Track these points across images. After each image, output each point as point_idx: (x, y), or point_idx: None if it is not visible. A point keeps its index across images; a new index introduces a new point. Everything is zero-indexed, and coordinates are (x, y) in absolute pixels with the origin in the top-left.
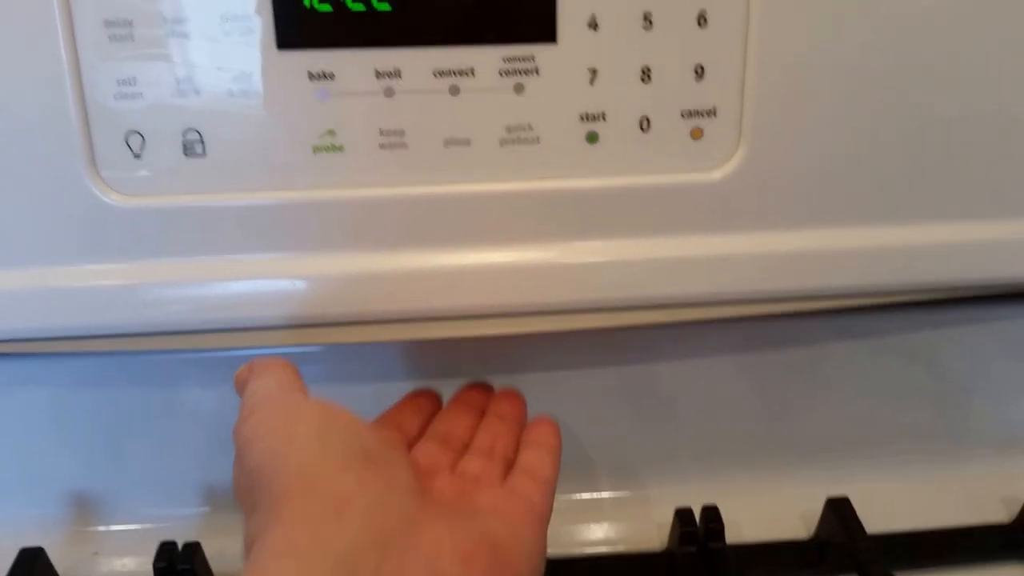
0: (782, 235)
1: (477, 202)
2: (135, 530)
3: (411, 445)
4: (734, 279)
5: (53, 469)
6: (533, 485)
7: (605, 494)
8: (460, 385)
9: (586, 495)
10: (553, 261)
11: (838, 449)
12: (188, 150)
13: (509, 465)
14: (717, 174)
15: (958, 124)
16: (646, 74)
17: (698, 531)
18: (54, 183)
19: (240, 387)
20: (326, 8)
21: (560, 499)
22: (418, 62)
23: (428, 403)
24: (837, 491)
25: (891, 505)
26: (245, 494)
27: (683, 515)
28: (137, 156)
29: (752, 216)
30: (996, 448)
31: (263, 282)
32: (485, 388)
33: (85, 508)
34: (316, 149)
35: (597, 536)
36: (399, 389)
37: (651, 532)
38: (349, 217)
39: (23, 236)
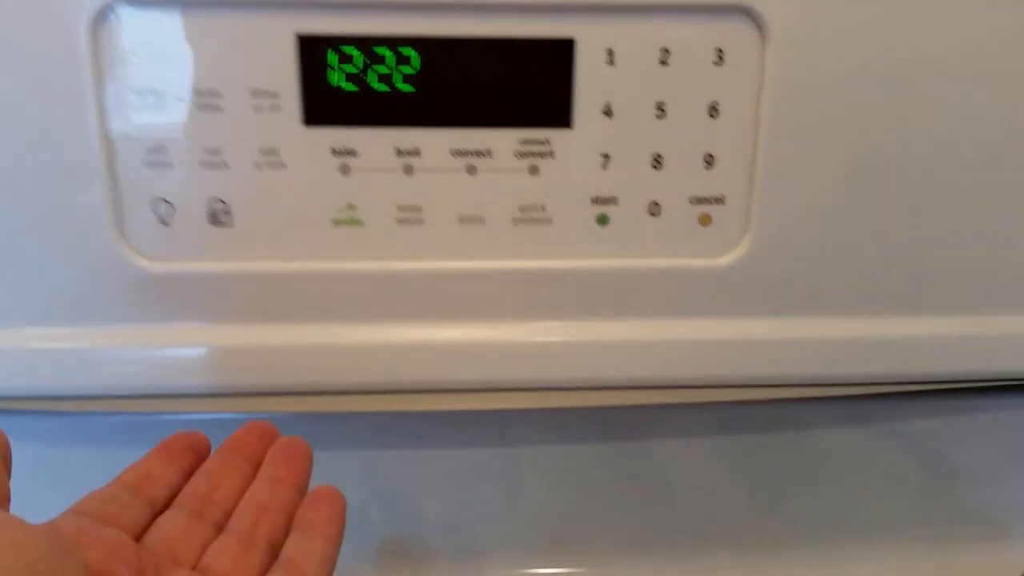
0: (785, 322)
1: (489, 278)
2: None
3: (157, 514)
4: (737, 363)
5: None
6: None
7: (601, 570)
8: (469, 456)
9: (581, 569)
10: (561, 339)
11: (833, 533)
12: (214, 219)
13: (275, 552)
14: (724, 260)
15: (962, 220)
16: (657, 161)
17: None
18: (83, 247)
19: None
20: (352, 88)
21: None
22: (437, 142)
23: (189, 453)
24: (832, 574)
25: None
26: None
27: None
28: (164, 223)
29: (757, 302)
30: (986, 535)
31: (282, 349)
32: (265, 433)
33: None
34: (337, 222)
35: None
36: (399, 456)
37: None
38: (366, 289)
39: (54, 297)
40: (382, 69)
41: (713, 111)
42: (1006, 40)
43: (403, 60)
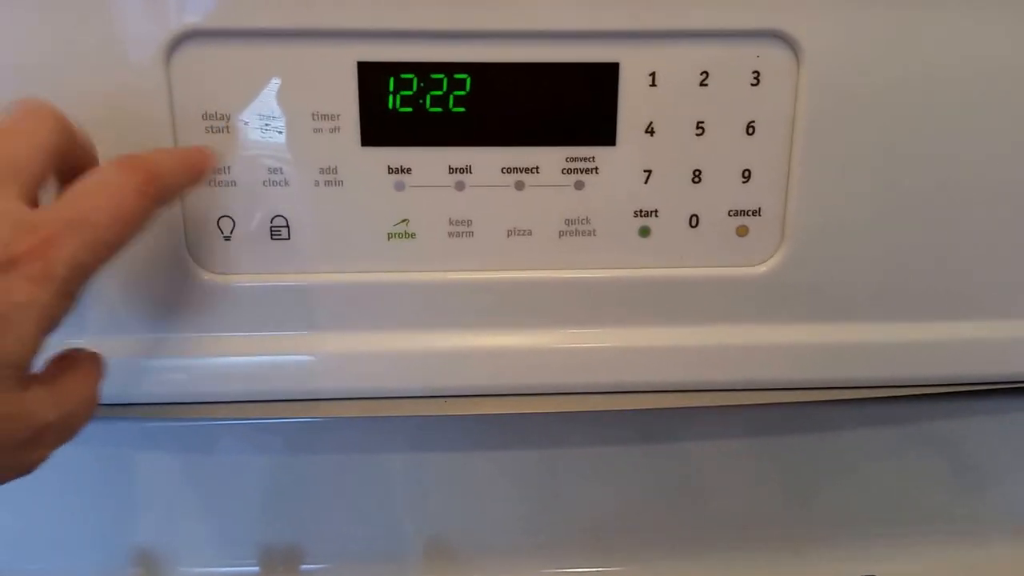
0: (819, 327)
1: (536, 288)
2: None
3: None
4: (772, 366)
5: (118, 526)
6: None
7: (637, 568)
8: (513, 457)
9: (617, 567)
10: (604, 345)
11: (862, 530)
12: (274, 234)
13: None
14: (760, 269)
15: (988, 228)
16: (697, 176)
17: None
18: (149, 261)
19: None
20: (407, 110)
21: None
22: (488, 159)
23: None
24: (862, 571)
25: None
26: None
27: None
28: (227, 238)
29: (791, 308)
30: (1012, 532)
31: (338, 356)
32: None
33: (148, 564)
34: (390, 236)
35: None
36: (445, 458)
37: None
38: (418, 298)
39: (118, 308)
40: (437, 93)
41: (750, 129)
42: None
43: (457, 84)
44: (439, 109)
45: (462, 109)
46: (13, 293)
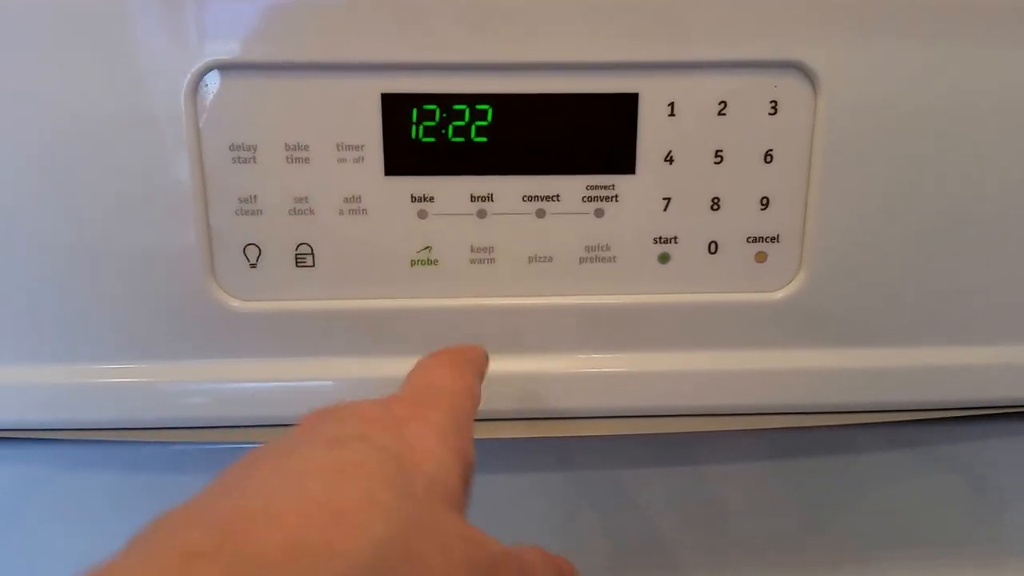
0: (838, 352)
1: (556, 314)
2: None
3: None
4: (791, 392)
5: None
6: None
7: None
8: (532, 480)
9: None
10: (624, 370)
11: (883, 553)
12: (299, 261)
13: None
14: (779, 295)
15: (1005, 254)
16: (716, 203)
17: None
18: (176, 287)
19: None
20: (430, 140)
21: None
22: (509, 188)
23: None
24: None
25: None
26: None
27: None
28: (253, 266)
29: (810, 334)
30: None
31: (362, 381)
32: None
33: None
34: (413, 262)
35: None
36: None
37: None
38: (441, 324)
39: (144, 333)
40: (459, 123)
41: (768, 157)
42: None
43: (479, 115)
44: (461, 139)
45: (484, 139)
46: (421, 433)
